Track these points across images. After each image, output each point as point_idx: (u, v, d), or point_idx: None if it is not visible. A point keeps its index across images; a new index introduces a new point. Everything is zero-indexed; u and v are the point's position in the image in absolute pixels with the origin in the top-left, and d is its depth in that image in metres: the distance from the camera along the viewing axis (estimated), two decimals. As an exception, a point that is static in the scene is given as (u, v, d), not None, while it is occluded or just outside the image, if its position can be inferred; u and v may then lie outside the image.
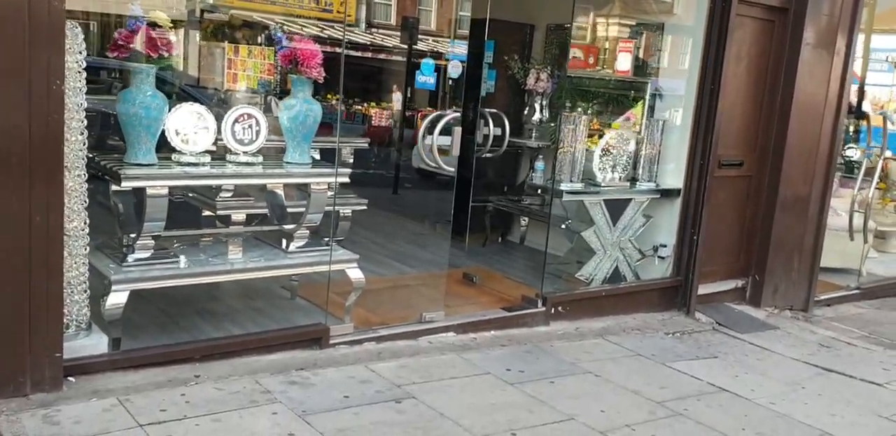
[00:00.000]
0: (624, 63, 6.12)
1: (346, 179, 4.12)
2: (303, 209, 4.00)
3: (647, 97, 6.07)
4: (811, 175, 6.14)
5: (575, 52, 5.97)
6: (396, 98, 7.34)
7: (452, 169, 4.48)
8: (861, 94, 12.49)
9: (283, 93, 4.29)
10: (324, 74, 3.99)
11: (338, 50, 4.57)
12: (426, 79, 4.35)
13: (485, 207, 6.42)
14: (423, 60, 4.49)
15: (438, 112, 4.42)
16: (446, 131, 4.57)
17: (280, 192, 4.28)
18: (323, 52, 4.04)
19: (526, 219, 6.54)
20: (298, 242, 4.04)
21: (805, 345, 5.19)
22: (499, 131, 5.46)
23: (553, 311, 4.87)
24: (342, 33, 5.99)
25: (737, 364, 4.60)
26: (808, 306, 6.16)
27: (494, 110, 5.62)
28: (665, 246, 5.64)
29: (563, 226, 5.41)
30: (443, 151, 4.88)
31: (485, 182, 6.46)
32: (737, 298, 5.98)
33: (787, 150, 5.96)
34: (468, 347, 4.24)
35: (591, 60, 6.24)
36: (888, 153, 10.82)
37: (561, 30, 6.33)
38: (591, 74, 6.28)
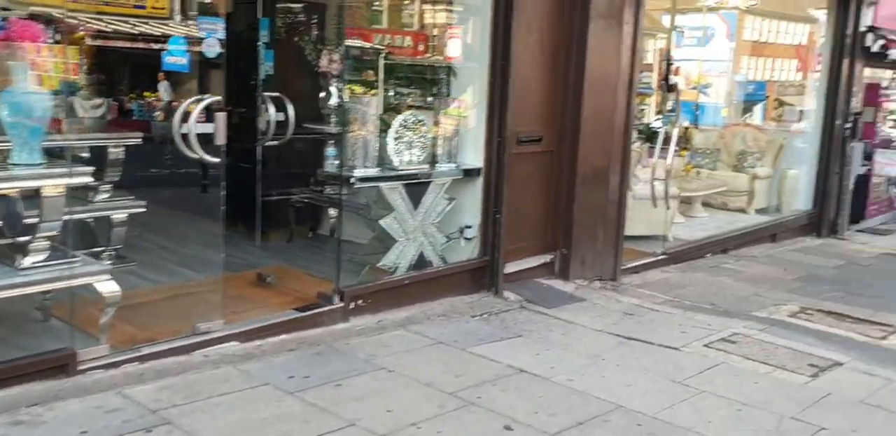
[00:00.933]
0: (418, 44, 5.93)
1: (86, 180, 3.61)
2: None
3: (446, 77, 5.91)
4: (609, 148, 6.21)
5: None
6: (163, 88, 6.76)
7: (216, 160, 4.07)
8: (668, 68, 13.18)
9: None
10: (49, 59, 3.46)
11: (154, 46, 4.03)
12: (176, 60, 3.90)
13: (287, 200, 6.05)
14: (171, 39, 4.03)
15: (196, 97, 3.98)
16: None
17: (14, 198, 3.71)
18: (129, 48, 3.52)
19: (335, 210, 6.22)
20: (36, 257, 3.51)
21: (610, 314, 5.23)
22: (282, 116, 5.09)
23: (353, 305, 4.60)
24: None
25: (540, 341, 4.54)
26: (616, 275, 6.27)
27: (276, 94, 5.24)
28: (470, 227, 5.52)
29: (360, 214, 5.14)
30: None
31: (285, 173, 6.09)
32: (547, 273, 5.98)
33: (584, 123, 5.98)
34: (250, 356, 3.89)
35: (382, 40, 6.01)
36: (686, 123, 11.43)
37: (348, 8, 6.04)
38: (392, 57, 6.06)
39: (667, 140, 7.23)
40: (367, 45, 6.49)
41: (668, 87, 11.98)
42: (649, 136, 8.74)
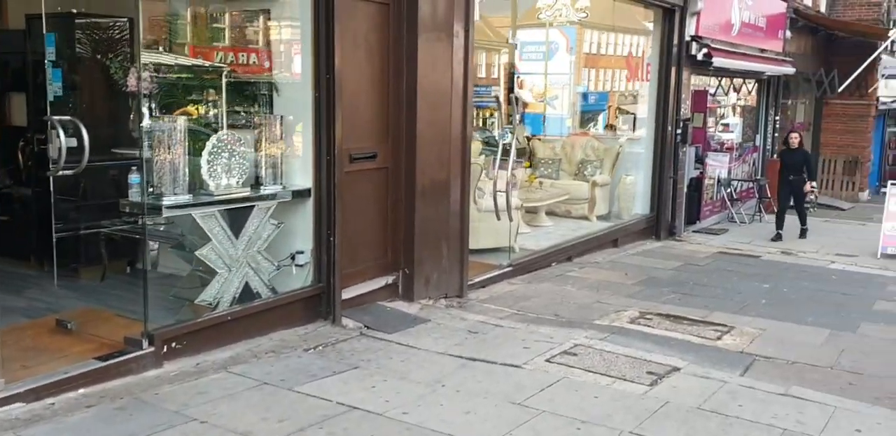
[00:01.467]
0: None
1: None
2: None
3: (269, 93, 5.57)
4: (447, 161, 6.07)
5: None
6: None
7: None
8: (511, 81, 13.43)
9: None
10: None
11: None
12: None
13: (98, 234, 5.47)
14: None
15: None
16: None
17: None
18: None
19: (156, 242, 5.69)
20: None
21: (454, 334, 5.05)
22: (74, 142, 4.57)
23: (166, 349, 4.15)
24: None
25: (378, 372, 4.27)
26: (463, 291, 6.12)
27: (68, 117, 4.71)
28: (302, 252, 5.18)
29: (173, 246, 4.69)
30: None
31: (93, 204, 5.51)
32: (390, 295, 5.74)
33: (420, 137, 5.81)
34: (37, 418, 3.37)
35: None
36: (527, 134, 11.62)
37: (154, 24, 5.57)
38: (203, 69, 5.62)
39: (506, 152, 7.20)
40: (185, 61, 6.04)
41: (511, 100, 12.20)
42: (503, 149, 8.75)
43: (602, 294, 6.61)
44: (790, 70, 13.96)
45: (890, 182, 10.06)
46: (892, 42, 18.19)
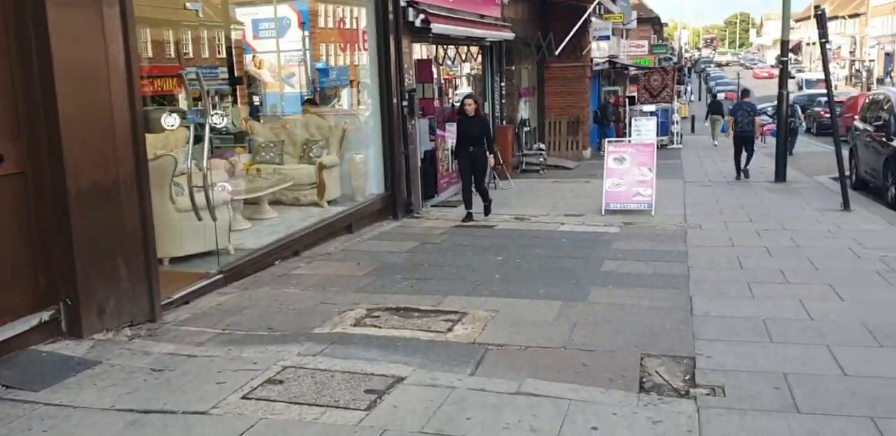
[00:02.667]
0: None
1: None
2: None
3: None
4: (113, 156, 4.91)
5: None
6: None
7: None
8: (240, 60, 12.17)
9: None
10: None
11: None
12: None
13: None
14: None
15: None
16: None
17: None
18: None
19: None
20: None
21: (129, 379, 4.02)
22: None
23: None
24: None
25: (5, 455, 3.18)
26: (156, 314, 5.07)
27: None
28: None
29: None
30: None
31: None
32: (50, 335, 4.53)
33: (65, 129, 4.58)
34: None
35: None
36: (244, 116, 10.56)
37: None
38: None
39: (199, 139, 6.15)
40: None
41: (234, 81, 10.97)
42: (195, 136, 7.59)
43: (328, 292, 5.88)
44: (510, 35, 14.10)
45: (606, 140, 10.39)
46: (600, 5, 19.34)
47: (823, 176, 14.18)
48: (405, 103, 9.78)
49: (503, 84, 14.81)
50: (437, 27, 9.98)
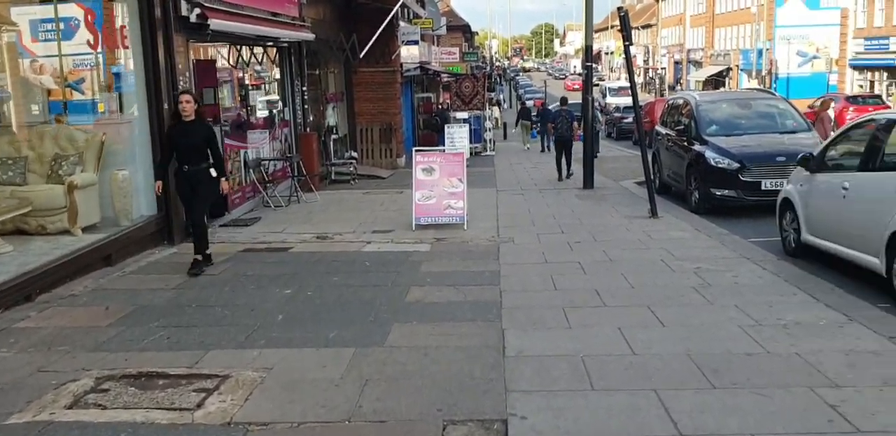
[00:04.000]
0: None
1: None
2: None
3: None
4: None
5: None
6: None
7: None
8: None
9: None
10: None
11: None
12: None
13: None
14: None
15: None
16: None
17: None
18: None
19: None
20: None
21: None
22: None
23: None
24: None
25: None
26: None
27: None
28: None
29: None
30: None
31: None
32: None
33: None
34: None
35: None
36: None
37: None
38: None
39: None
40: None
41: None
42: None
43: (53, 354, 4.54)
44: (308, 36, 13.02)
45: (414, 149, 9.61)
46: (406, 7, 18.72)
47: (629, 181, 14.35)
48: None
49: (304, 88, 13.68)
50: (217, 24, 8.71)
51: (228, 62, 11.36)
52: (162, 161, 7.34)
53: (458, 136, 19.33)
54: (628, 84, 11.31)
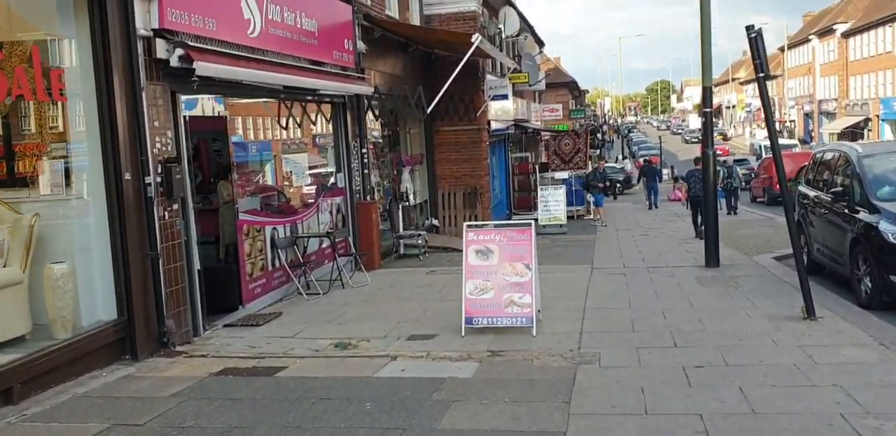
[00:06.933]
0: None
1: None
2: None
3: None
4: None
5: None
6: None
7: None
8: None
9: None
10: None
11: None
12: None
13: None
14: None
15: None
16: None
17: None
18: None
19: None
20: None
21: None
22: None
23: None
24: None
25: None
26: None
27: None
28: None
29: None
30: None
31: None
32: None
33: None
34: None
35: None
36: None
37: None
38: None
39: None
40: None
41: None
42: None
43: None
44: (364, 89, 11.09)
45: (465, 224, 7.20)
46: (500, 63, 16.70)
47: (765, 256, 11.33)
48: (157, 180, 6.49)
49: (364, 150, 11.68)
50: (207, 68, 6.77)
51: (279, 118, 9.60)
52: None
53: (552, 199, 16.83)
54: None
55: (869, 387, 4.69)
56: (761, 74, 6.81)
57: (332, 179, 11.11)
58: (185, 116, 7.21)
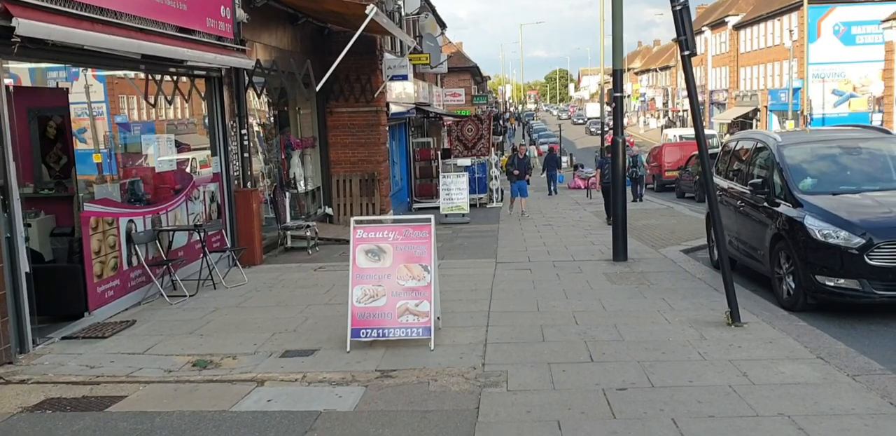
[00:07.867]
0: None
1: None
2: None
3: None
4: None
5: None
6: None
7: None
8: None
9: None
10: None
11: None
12: None
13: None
14: None
15: None
16: None
17: None
18: None
19: None
20: None
21: None
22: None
23: None
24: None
25: None
26: None
27: None
28: None
29: None
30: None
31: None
32: None
33: None
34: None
35: None
36: None
37: None
38: None
39: None
40: None
41: None
42: None
43: None
44: (243, 61, 9.81)
45: (353, 219, 6.17)
46: (398, 41, 15.61)
47: (672, 248, 10.85)
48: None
49: (244, 130, 10.42)
50: (34, 27, 5.44)
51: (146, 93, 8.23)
52: None
53: (455, 187, 15.99)
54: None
55: (821, 418, 4.02)
56: (686, 52, 6.09)
57: (205, 164, 9.82)
58: (7, 86, 5.86)
